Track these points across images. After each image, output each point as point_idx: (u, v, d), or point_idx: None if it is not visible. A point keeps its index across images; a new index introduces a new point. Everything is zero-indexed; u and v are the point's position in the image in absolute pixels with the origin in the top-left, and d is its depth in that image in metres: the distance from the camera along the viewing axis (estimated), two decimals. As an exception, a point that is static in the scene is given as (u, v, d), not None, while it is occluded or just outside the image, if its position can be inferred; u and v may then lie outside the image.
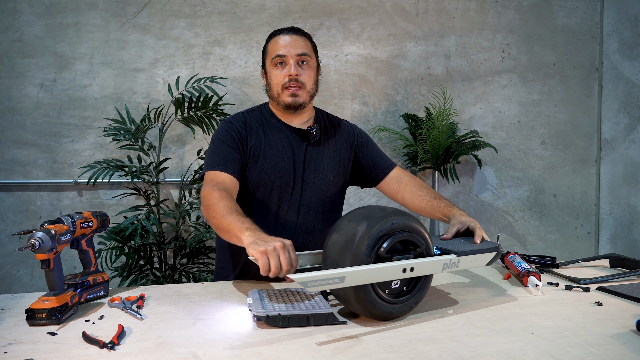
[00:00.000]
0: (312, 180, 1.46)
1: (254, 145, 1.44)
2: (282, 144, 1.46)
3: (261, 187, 1.43)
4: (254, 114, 1.51)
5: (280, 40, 1.43)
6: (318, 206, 1.48)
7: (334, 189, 1.52)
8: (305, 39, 1.46)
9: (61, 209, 2.70)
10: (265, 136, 1.46)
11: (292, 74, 1.40)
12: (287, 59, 1.41)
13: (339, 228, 1.05)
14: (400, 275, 1.00)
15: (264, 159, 1.43)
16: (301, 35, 1.46)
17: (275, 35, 1.45)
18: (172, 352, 0.87)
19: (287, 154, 1.45)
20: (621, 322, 1.03)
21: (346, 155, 1.56)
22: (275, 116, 1.50)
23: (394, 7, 2.99)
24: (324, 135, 1.53)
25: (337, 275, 0.91)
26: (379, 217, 1.01)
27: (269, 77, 1.45)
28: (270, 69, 1.44)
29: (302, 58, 1.42)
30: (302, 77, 1.42)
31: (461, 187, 3.10)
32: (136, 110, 2.71)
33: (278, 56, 1.41)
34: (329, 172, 1.49)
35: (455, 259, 1.07)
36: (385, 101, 3.00)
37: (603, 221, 3.21)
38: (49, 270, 1.04)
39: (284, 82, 1.41)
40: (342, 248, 1.00)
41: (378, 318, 1.02)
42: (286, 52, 1.41)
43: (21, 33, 2.63)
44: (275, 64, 1.42)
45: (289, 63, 1.41)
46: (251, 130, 1.46)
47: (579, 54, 3.19)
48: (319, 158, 1.49)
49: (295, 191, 1.45)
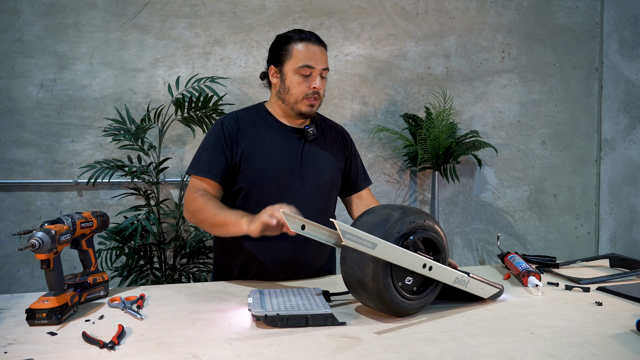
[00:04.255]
0: (311, 178, 1.47)
1: (248, 144, 1.45)
2: (278, 142, 1.47)
3: (259, 184, 1.44)
4: (249, 113, 1.53)
5: (309, 49, 1.43)
6: (317, 204, 1.49)
7: (331, 189, 1.54)
8: (325, 50, 1.48)
9: (61, 209, 2.70)
10: (260, 135, 1.47)
11: (318, 88, 1.43)
12: (314, 72, 1.43)
13: (372, 212, 1.11)
14: (419, 269, 1.02)
15: (260, 156, 1.44)
16: (324, 46, 1.48)
17: (304, 41, 1.44)
18: (172, 352, 0.87)
19: (284, 152, 1.46)
20: (621, 322, 1.03)
21: (341, 158, 1.58)
22: (272, 116, 1.51)
23: (394, 7, 2.99)
24: (320, 136, 1.55)
25: (372, 240, 0.96)
26: (414, 211, 1.07)
27: (289, 82, 1.44)
28: (292, 74, 1.44)
29: (324, 73, 1.46)
30: (322, 90, 1.46)
31: (461, 187, 3.10)
32: (136, 110, 2.71)
33: (307, 67, 1.42)
34: (326, 170, 1.51)
35: (467, 277, 1.11)
36: (385, 101, 3.00)
37: (603, 221, 3.21)
38: (49, 270, 1.04)
39: (308, 93, 1.43)
40: (373, 227, 1.04)
41: (384, 304, 1.02)
42: (315, 65, 1.42)
43: (21, 33, 2.63)
44: (302, 73, 1.42)
45: (315, 77, 1.43)
46: (244, 130, 1.47)
47: (579, 54, 3.19)
48: (316, 156, 1.50)
49: (295, 188, 1.45)
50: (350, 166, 1.61)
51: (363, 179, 1.64)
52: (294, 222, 1.06)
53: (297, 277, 1.44)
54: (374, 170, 3.00)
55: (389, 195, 3.03)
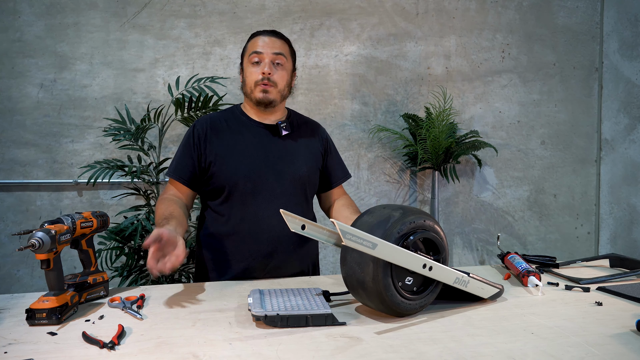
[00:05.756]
0: (287, 173, 1.49)
1: (221, 143, 1.48)
2: (252, 140, 1.50)
3: (234, 182, 1.46)
4: (224, 114, 1.57)
5: (259, 40, 1.49)
6: (295, 197, 1.51)
7: (308, 183, 1.55)
8: (284, 42, 1.52)
9: (61, 209, 2.70)
10: (233, 134, 1.50)
11: (266, 72, 1.46)
12: (263, 56, 1.47)
13: (372, 212, 1.10)
14: (419, 269, 1.02)
15: (233, 155, 1.47)
16: (280, 38, 1.52)
17: (256, 36, 1.51)
18: (172, 352, 0.87)
19: (257, 148, 1.49)
20: (621, 322, 1.03)
21: (319, 153, 1.60)
22: (246, 115, 1.55)
23: (394, 7, 2.99)
24: (296, 131, 1.57)
25: (372, 240, 0.95)
26: (414, 211, 1.07)
27: (245, 73, 1.51)
28: (246, 65, 1.50)
29: (277, 58, 1.48)
30: (274, 76, 1.48)
31: (461, 187, 3.10)
32: (136, 110, 2.71)
33: (255, 53, 1.47)
34: (302, 165, 1.52)
35: (467, 278, 1.11)
36: (385, 101, 3.00)
37: (603, 221, 3.21)
38: (49, 270, 1.04)
39: (258, 80, 1.46)
40: (373, 227, 1.04)
41: (384, 304, 1.02)
42: (263, 50, 1.47)
43: (21, 33, 2.63)
44: (252, 61, 1.48)
45: (264, 61, 1.46)
46: (217, 130, 1.51)
47: (579, 54, 3.19)
48: (292, 152, 1.52)
49: (270, 183, 1.47)
50: (327, 163, 1.63)
51: (341, 175, 1.66)
52: (294, 222, 1.06)
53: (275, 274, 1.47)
54: (374, 170, 3.00)
55: (389, 195, 3.03)
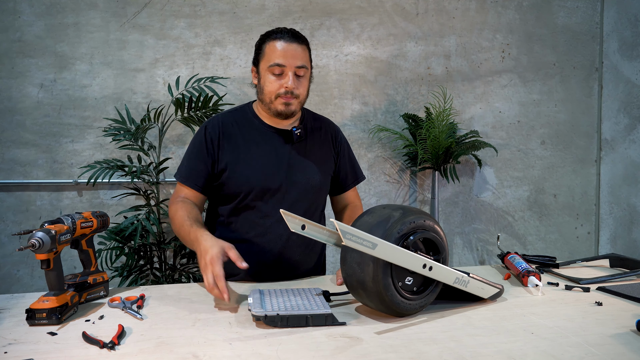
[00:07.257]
0: (299, 182, 1.44)
1: (233, 149, 1.42)
2: (264, 147, 1.43)
3: (245, 192, 1.41)
4: (235, 115, 1.49)
5: (280, 47, 1.37)
6: (306, 207, 1.47)
7: (320, 192, 1.51)
8: (305, 47, 1.41)
9: (61, 209, 2.70)
10: (245, 139, 1.44)
11: (290, 87, 1.37)
12: (286, 70, 1.37)
13: (372, 212, 1.10)
14: (419, 269, 1.02)
15: (245, 162, 1.41)
16: (301, 43, 1.40)
17: (275, 39, 1.39)
18: (172, 352, 0.87)
19: (270, 157, 1.43)
20: (621, 322, 1.03)
21: (330, 157, 1.55)
22: (259, 118, 1.48)
23: (394, 7, 2.99)
24: (309, 137, 1.50)
25: (372, 240, 0.95)
26: (415, 211, 1.07)
27: (263, 81, 1.41)
28: (265, 73, 1.40)
29: (300, 70, 1.38)
30: (297, 90, 1.39)
31: (461, 187, 3.10)
32: (136, 110, 2.71)
33: (277, 65, 1.36)
34: (315, 174, 1.47)
35: (467, 277, 1.11)
36: (385, 101, 3.00)
37: (603, 221, 3.21)
38: (49, 270, 1.04)
39: (279, 92, 1.38)
40: (373, 227, 1.04)
41: (384, 304, 1.02)
42: (285, 63, 1.36)
43: (21, 33, 2.63)
44: (273, 72, 1.38)
45: (287, 75, 1.37)
46: (229, 134, 1.43)
47: (579, 54, 3.19)
48: (305, 159, 1.47)
49: (281, 191, 1.43)
50: (340, 167, 1.58)
51: (351, 179, 1.61)
52: (294, 222, 1.06)
53: (283, 279, 1.42)
54: (374, 170, 3.00)
55: (389, 195, 3.03)
